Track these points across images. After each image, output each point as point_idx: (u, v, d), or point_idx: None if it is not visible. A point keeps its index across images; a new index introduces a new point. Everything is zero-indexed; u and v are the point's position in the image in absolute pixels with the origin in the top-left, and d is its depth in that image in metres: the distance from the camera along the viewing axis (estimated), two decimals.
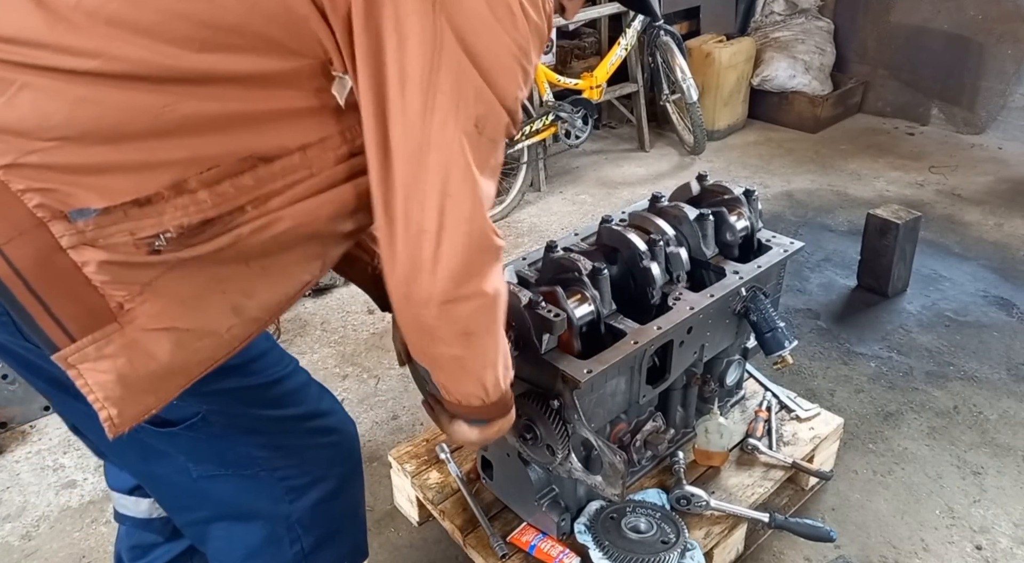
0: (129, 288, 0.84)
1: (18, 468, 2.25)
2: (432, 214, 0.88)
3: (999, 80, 4.54)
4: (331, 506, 1.22)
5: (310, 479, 1.18)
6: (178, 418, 1.03)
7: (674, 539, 1.61)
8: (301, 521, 1.19)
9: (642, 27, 4.21)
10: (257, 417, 1.10)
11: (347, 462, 1.25)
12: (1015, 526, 1.96)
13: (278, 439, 1.13)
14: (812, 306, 2.97)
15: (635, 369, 1.54)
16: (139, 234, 0.82)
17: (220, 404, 1.05)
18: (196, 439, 1.06)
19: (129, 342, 0.85)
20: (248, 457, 1.11)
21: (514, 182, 3.87)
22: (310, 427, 1.18)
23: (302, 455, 1.17)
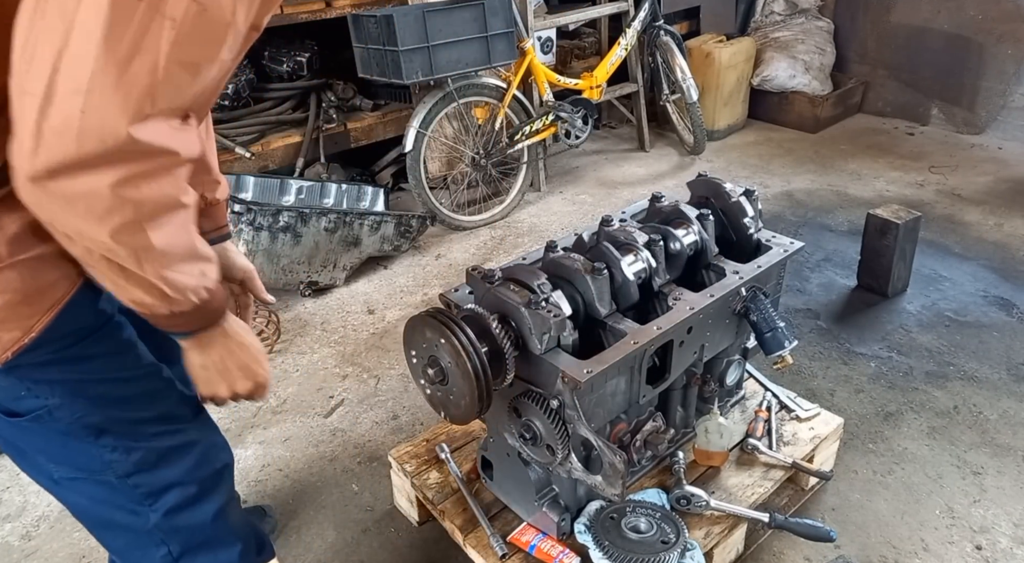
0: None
1: (18, 468, 2.25)
2: (39, 76, 0.72)
3: (999, 80, 4.54)
4: (193, 513, 1.19)
5: (165, 484, 1.15)
6: (24, 409, 1.02)
7: (674, 539, 1.61)
8: (160, 526, 1.16)
9: (642, 27, 4.21)
10: (106, 415, 1.07)
11: (206, 467, 1.21)
12: (1015, 526, 1.96)
13: (128, 441, 1.10)
14: (812, 306, 2.97)
15: (635, 369, 1.55)
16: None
17: (66, 396, 1.03)
18: (46, 434, 1.05)
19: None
20: (100, 460, 1.09)
21: (514, 182, 3.87)
22: (165, 429, 1.14)
23: (156, 458, 1.13)
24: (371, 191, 3.55)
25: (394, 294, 3.17)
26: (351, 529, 2.02)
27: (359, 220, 3.14)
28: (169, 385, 1.18)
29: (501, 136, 3.72)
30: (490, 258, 3.44)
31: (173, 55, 0.75)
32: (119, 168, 0.76)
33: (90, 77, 0.71)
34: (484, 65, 3.44)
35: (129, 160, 0.76)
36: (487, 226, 3.76)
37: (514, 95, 3.63)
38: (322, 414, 2.45)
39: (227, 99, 3.33)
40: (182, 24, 0.74)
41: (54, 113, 0.72)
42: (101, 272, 0.87)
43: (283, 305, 3.09)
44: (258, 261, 2.92)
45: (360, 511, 2.07)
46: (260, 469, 2.23)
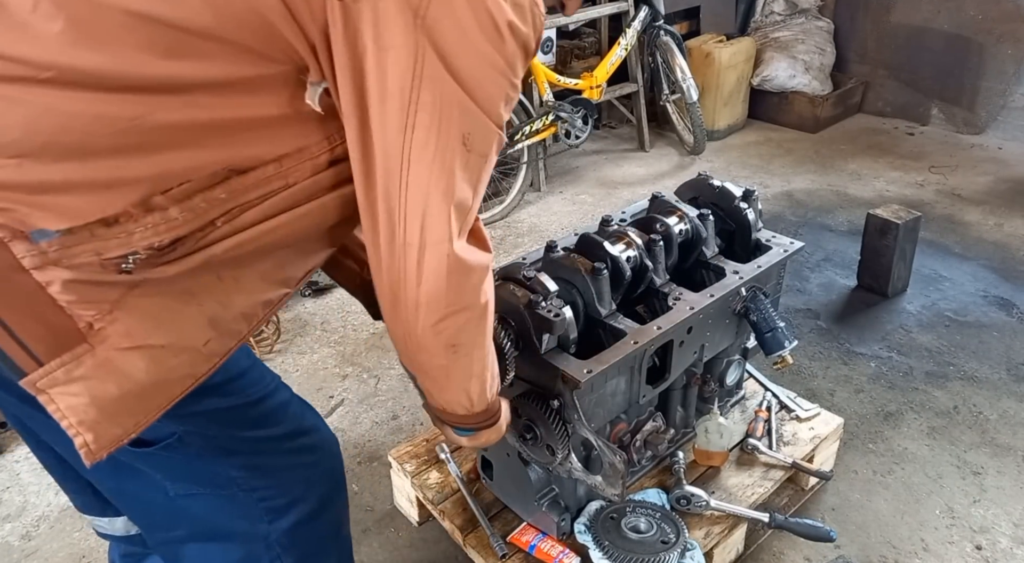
0: (98, 307, 0.80)
1: (18, 468, 2.25)
2: (414, 230, 0.87)
3: (999, 80, 4.54)
4: (312, 527, 1.19)
5: (289, 500, 1.15)
6: (154, 438, 0.99)
7: (674, 539, 1.61)
8: (280, 542, 1.16)
9: (642, 27, 4.21)
10: (236, 438, 1.07)
11: (328, 482, 1.22)
12: (1015, 526, 1.96)
13: (257, 459, 1.10)
14: (812, 306, 2.97)
15: (635, 369, 1.54)
16: (105, 255, 0.77)
17: (198, 425, 1.02)
18: (172, 459, 1.03)
19: (101, 362, 0.81)
20: (226, 477, 1.08)
21: (514, 182, 3.87)
22: (290, 447, 1.15)
23: (281, 475, 1.14)
24: None
25: None
26: (351, 529, 2.01)
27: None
28: (292, 400, 1.18)
29: None
30: None
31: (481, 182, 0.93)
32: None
33: (439, 214, 0.87)
34: None
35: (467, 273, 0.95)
36: (487, 226, 3.75)
37: None
38: (322, 414, 2.44)
39: None
40: (488, 158, 0.92)
41: (428, 258, 0.88)
42: (431, 378, 1.07)
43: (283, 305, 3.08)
44: None
45: (360, 511, 2.07)
46: None
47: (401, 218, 0.87)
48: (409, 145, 0.83)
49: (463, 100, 0.84)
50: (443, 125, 0.83)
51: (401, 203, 0.86)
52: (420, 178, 0.85)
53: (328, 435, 1.25)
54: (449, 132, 0.84)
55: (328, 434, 1.25)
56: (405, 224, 0.87)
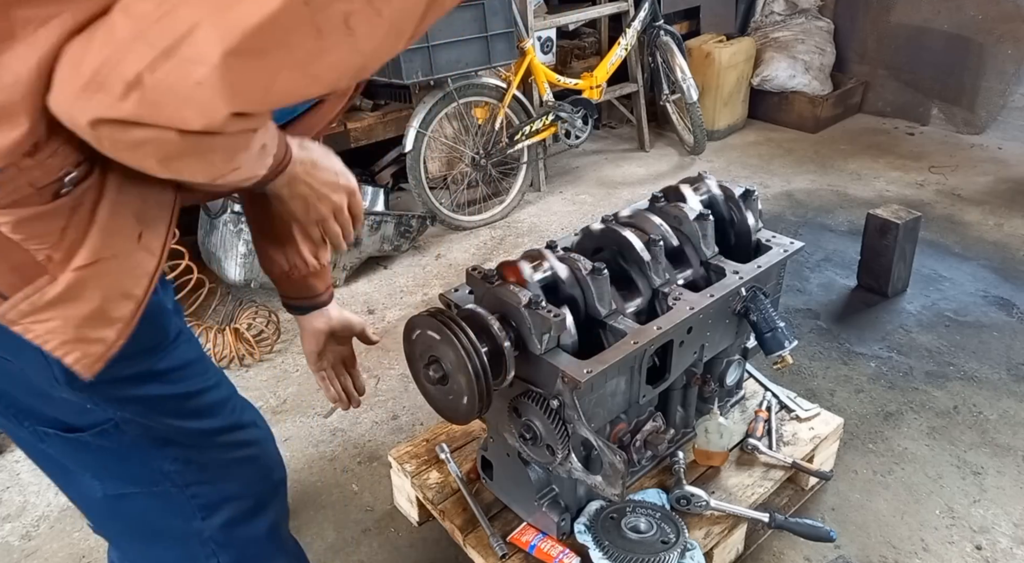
0: (50, 238, 0.81)
1: (18, 468, 2.25)
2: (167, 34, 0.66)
3: (999, 80, 4.55)
4: (248, 526, 1.18)
5: (223, 496, 1.14)
6: (89, 423, 1.00)
7: (674, 539, 1.61)
8: (215, 539, 1.15)
9: (642, 27, 4.21)
10: (172, 427, 1.06)
11: (265, 482, 1.20)
12: (1015, 526, 1.96)
13: (191, 453, 1.09)
14: (812, 306, 2.97)
15: (635, 369, 1.54)
16: (38, 184, 0.77)
17: (135, 412, 1.02)
18: (105, 450, 1.03)
19: (63, 288, 0.84)
20: (159, 472, 1.07)
21: (514, 182, 3.88)
22: (226, 441, 1.13)
23: (215, 471, 1.12)
24: (371, 191, 3.54)
25: (394, 294, 3.17)
26: (351, 529, 2.02)
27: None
28: (233, 395, 1.18)
29: (501, 136, 3.72)
30: (490, 258, 3.44)
31: (300, 68, 0.72)
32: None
33: (221, 58, 0.66)
34: (484, 65, 3.44)
35: (210, 135, 0.74)
36: (487, 226, 3.76)
37: (514, 95, 3.63)
38: (322, 414, 2.45)
39: None
40: (320, 41, 0.71)
41: (166, 71, 0.67)
42: None
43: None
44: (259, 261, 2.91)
45: (360, 511, 2.07)
46: None
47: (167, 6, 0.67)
48: None
49: None
50: None
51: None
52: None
53: (266, 435, 1.23)
54: None
55: (266, 434, 1.23)
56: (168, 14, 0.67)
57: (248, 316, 2.80)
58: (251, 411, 1.21)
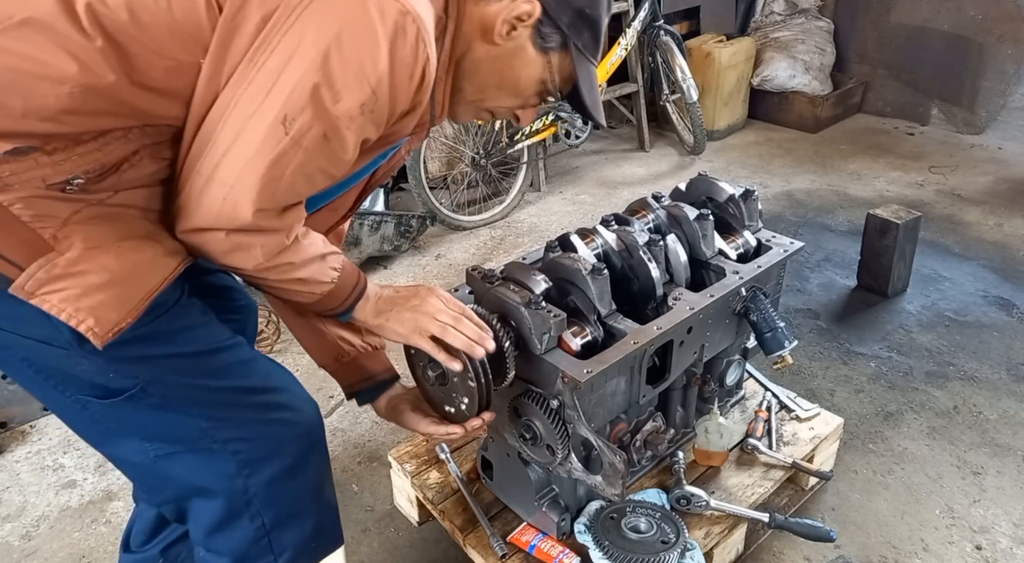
0: (54, 220, 0.94)
1: (18, 468, 2.25)
2: (211, 164, 0.98)
3: (999, 80, 4.55)
4: (289, 485, 1.21)
5: (263, 453, 1.18)
6: (118, 388, 1.06)
7: (674, 539, 1.61)
8: (258, 496, 1.19)
9: (642, 27, 4.21)
10: (197, 386, 1.11)
11: (304, 440, 1.24)
12: (1015, 526, 1.96)
13: (223, 411, 1.14)
14: (812, 306, 2.97)
15: (635, 369, 1.54)
16: (49, 181, 0.92)
17: (156, 373, 1.08)
18: (140, 411, 1.08)
19: (74, 261, 0.94)
20: (197, 429, 1.12)
21: (514, 182, 3.87)
22: (257, 402, 1.18)
23: (252, 429, 1.17)
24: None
25: None
26: (351, 529, 2.02)
27: (359, 220, 3.14)
28: (258, 359, 1.22)
29: (501, 136, 3.72)
30: (490, 258, 3.44)
31: (298, 170, 1.01)
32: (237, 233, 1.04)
33: (237, 177, 0.98)
34: None
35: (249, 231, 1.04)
36: (487, 226, 3.76)
37: None
38: (322, 414, 2.45)
39: None
40: (309, 150, 1.00)
41: (209, 193, 0.99)
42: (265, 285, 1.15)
43: None
44: None
45: (360, 511, 2.07)
46: None
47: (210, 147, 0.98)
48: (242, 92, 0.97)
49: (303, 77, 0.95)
50: (282, 99, 0.96)
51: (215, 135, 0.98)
52: (233, 121, 0.97)
53: (302, 396, 1.26)
54: (272, 97, 0.95)
55: (303, 395, 1.26)
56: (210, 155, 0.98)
57: None
58: (282, 375, 1.25)
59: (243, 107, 0.96)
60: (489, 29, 1.12)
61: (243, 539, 1.21)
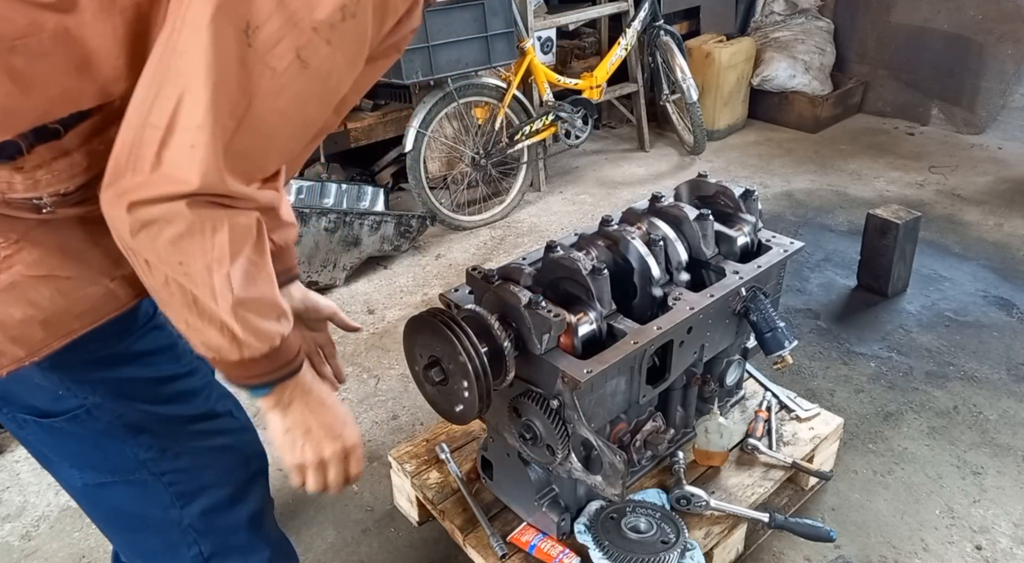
0: (5, 236, 0.84)
1: (18, 468, 2.25)
2: (165, 108, 0.76)
3: (999, 80, 4.54)
4: (228, 514, 1.18)
5: (199, 484, 1.13)
6: (62, 409, 1.01)
7: (674, 539, 1.61)
8: (194, 526, 1.15)
9: (642, 27, 4.21)
10: (145, 413, 1.06)
11: (242, 470, 1.19)
12: (1015, 526, 1.96)
13: (165, 441, 1.09)
14: (812, 306, 2.97)
15: (635, 369, 1.54)
16: (10, 195, 0.82)
17: (107, 395, 1.02)
18: (79, 438, 1.03)
19: (5, 288, 0.86)
20: (134, 459, 1.07)
21: (514, 182, 3.87)
22: (199, 429, 1.12)
23: (190, 459, 1.12)
24: (371, 191, 3.54)
25: (394, 294, 3.17)
26: (351, 529, 2.02)
27: (359, 220, 3.14)
28: (210, 384, 1.17)
29: (501, 136, 3.72)
30: (490, 258, 3.44)
31: (272, 103, 0.79)
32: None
33: (203, 116, 0.75)
34: (484, 65, 3.44)
35: (219, 200, 0.81)
36: (487, 226, 3.76)
37: (514, 95, 3.63)
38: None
39: None
40: (282, 73, 0.78)
41: (173, 145, 0.76)
42: (175, 308, 0.86)
43: None
44: None
45: (360, 511, 2.07)
46: None
47: (157, 90, 0.76)
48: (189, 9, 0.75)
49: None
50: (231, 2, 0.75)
51: (165, 74, 0.76)
52: (189, 47, 0.74)
53: (242, 425, 1.22)
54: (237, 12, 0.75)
55: (243, 424, 1.22)
56: (159, 97, 0.76)
57: None
58: (227, 401, 1.20)
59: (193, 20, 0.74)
60: None
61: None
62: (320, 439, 1.03)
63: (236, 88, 0.76)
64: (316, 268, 3.10)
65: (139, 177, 0.77)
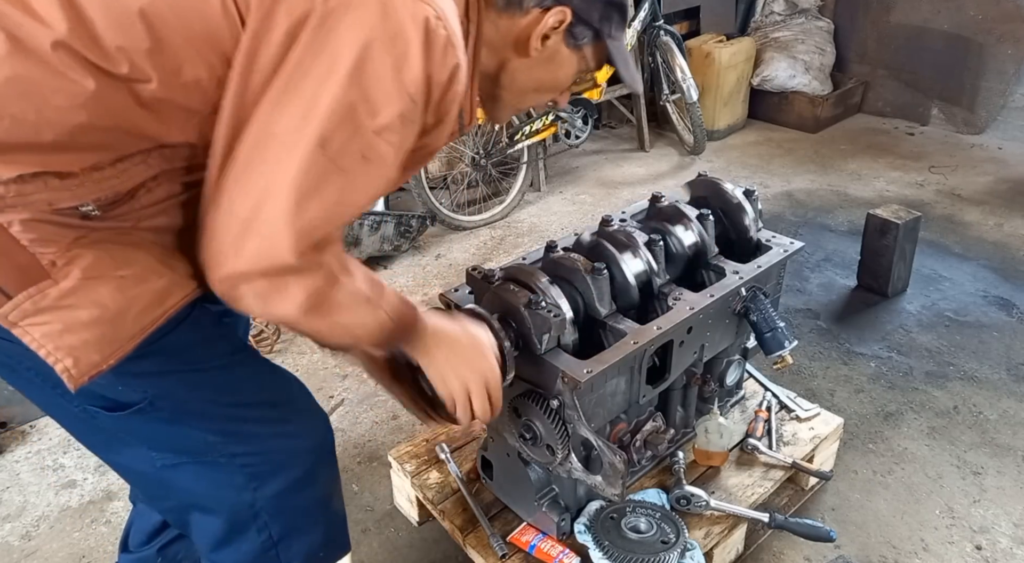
0: (56, 245, 0.89)
1: (18, 468, 2.25)
2: (247, 202, 0.90)
3: (999, 80, 4.54)
4: (298, 496, 1.20)
5: (272, 467, 1.16)
6: (126, 402, 1.04)
7: (674, 539, 1.61)
8: (267, 509, 1.17)
9: (642, 27, 4.21)
10: (205, 401, 1.09)
11: (314, 452, 1.22)
12: (1015, 526, 1.96)
13: (231, 425, 1.12)
14: (812, 306, 2.97)
15: (635, 369, 1.54)
16: (57, 205, 0.87)
17: (164, 388, 1.05)
18: (149, 424, 1.07)
19: (66, 293, 0.89)
20: (204, 442, 1.10)
21: (514, 182, 3.87)
22: (266, 416, 1.16)
23: (261, 442, 1.15)
24: None
25: None
26: (351, 529, 2.00)
27: (359, 220, 3.14)
28: (270, 370, 1.20)
29: (501, 136, 3.72)
30: (490, 258, 3.44)
31: (339, 196, 0.93)
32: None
33: (279, 212, 0.89)
34: None
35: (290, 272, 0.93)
36: (487, 226, 3.76)
37: None
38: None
39: None
40: (350, 174, 0.92)
41: (253, 236, 0.89)
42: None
43: None
44: None
45: (360, 511, 2.07)
46: None
47: (243, 188, 0.90)
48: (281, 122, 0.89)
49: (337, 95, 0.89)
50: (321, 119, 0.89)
51: (249, 174, 0.90)
52: (277, 154, 0.89)
53: (312, 409, 1.25)
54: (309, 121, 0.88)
55: (310, 407, 1.25)
56: (245, 194, 0.90)
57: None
58: (291, 388, 1.24)
59: (281, 135, 0.89)
60: (524, 43, 1.12)
61: (250, 552, 1.19)
62: (463, 372, 1.22)
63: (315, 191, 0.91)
64: None
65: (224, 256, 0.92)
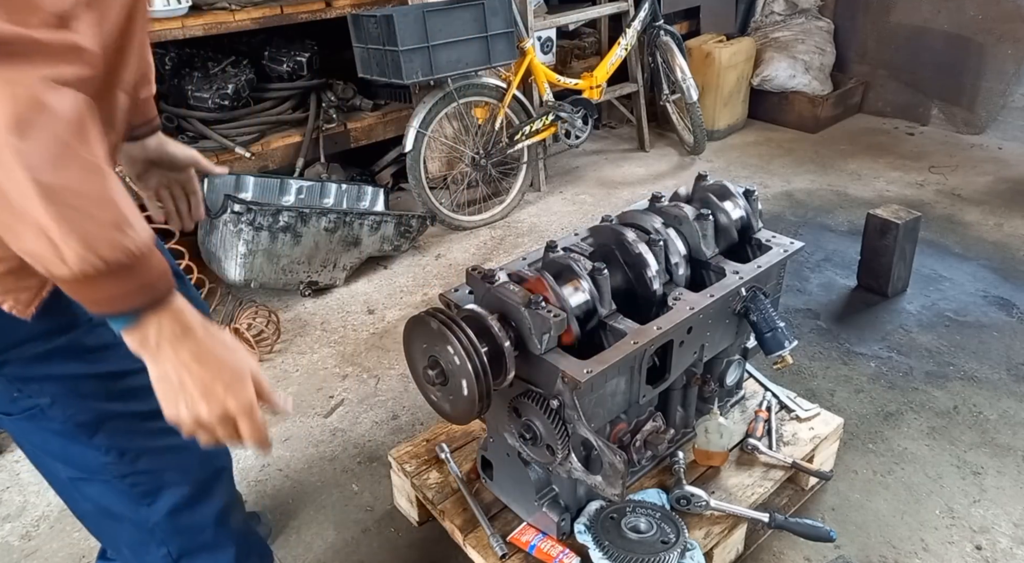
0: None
1: (18, 468, 2.25)
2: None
3: (999, 80, 4.54)
4: (191, 513, 1.18)
5: (160, 484, 1.14)
6: (19, 409, 1.02)
7: (674, 539, 1.61)
8: (161, 526, 1.16)
9: (642, 27, 4.21)
10: (97, 411, 1.05)
11: (204, 469, 1.19)
12: (1015, 526, 1.96)
13: (122, 440, 1.08)
14: (812, 306, 2.97)
15: (635, 369, 1.54)
16: None
17: (58, 394, 1.01)
18: (42, 434, 1.05)
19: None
20: (97, 463, 1.08)
21: (514, 182, 3.88)
22: (157, 427, 1.01)
23: (149, 459, 1.11)
24: (371, 191, 3.55)
25: (394, 294, 3.17)
26: (351, 529, 2.02)
27: (359, 220, 3.14)
28: None
29: (501, 136, 3.72)
30: (490, 258, 3.45)
31: None
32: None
33: None
34: (484, 65, 3.44)
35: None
36: (487, 226, 3.76)
37: (514, 95, 3.63)
38: (322, 414, 2.45)
39: (227, 99, 3.33)
40: None
41: None
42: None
43: (283, 305, 3.09)
44: (258, 261, 2.91)
45: (360, 511, 2.07)
46: (260, 469, 2.23)
47: None
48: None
49: None
50: None
51: None
52: None
53: None
54: None
55: None
56: None
57: (248, 316, 2.80)
58: None
59: None
60: None
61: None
62: (195, 398, 0.86)
63: None
64: (316, 268, 3.10)
65: None
